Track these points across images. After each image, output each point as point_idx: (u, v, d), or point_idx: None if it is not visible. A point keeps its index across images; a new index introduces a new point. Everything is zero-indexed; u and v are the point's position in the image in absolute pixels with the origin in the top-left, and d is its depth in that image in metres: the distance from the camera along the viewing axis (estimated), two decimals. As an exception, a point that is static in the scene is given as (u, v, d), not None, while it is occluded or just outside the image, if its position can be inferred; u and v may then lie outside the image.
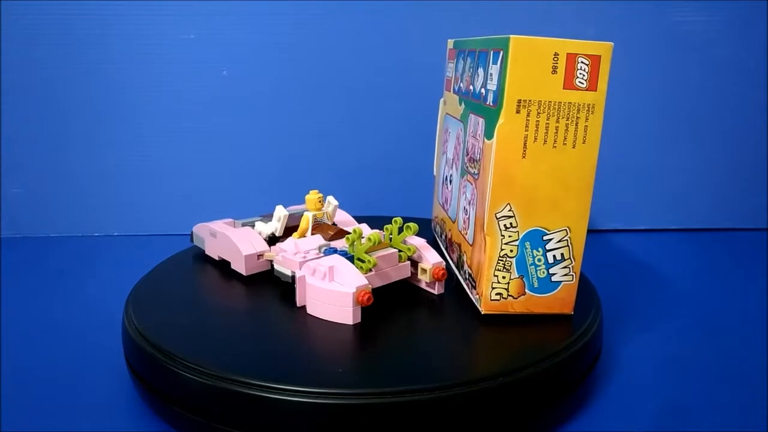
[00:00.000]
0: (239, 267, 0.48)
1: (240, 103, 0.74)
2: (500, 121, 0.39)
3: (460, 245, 0.48)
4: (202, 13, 0.71)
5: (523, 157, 0.39)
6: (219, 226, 0.51)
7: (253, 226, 0.52)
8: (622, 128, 0.76)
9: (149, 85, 0.73)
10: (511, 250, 0.41)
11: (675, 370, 0.45)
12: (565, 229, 0.41)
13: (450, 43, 0.56)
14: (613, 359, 0.46)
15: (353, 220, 0.55)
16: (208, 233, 0.52)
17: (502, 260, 0.41)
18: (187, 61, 0.72)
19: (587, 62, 0.39)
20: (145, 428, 0.38)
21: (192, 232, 0.54)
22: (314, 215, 0.50)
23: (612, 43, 0.39)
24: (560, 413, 0.39)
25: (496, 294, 0.42)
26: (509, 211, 0.40)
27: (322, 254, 0.45)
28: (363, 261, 0.43)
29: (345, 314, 0.41)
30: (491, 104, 0.40)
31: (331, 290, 0.41)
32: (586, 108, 0.39)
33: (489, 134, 0.40)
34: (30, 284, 0.61)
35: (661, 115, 0.76)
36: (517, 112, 0.39)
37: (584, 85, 0.39)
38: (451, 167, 0.51)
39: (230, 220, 0.53)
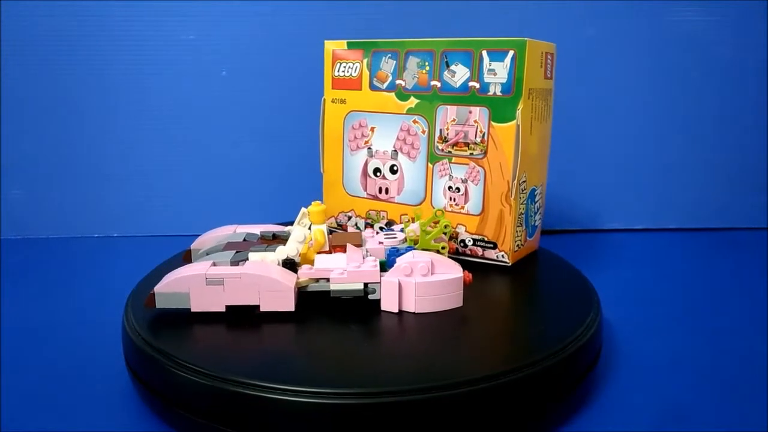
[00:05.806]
0: (283, 305, 0.41)
1: (240, 104, 0.74)
2: (520, 106, 0.48)
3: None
4: (202, 14, 0.71)
5: (531, 133, 0.50)
6: (216, 270, 0.41)
7: (246, 258, 0.44)
8: (622, 128, 0.76)
9: (149, 86, 0.73)
10: (523, 209, 0.51)
11: (675, 370, 0.45)
12: (542, 184, 0.54)
13: (340, 43, 0.57)
14: (613, 359, 0.46)
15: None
16: (200, 284, 0.40)
17: (519, 218, 0.51)
18: (187, 61, 0.73)
19: (550, 58, 0.52)
20: (145, 428, 0.38)
21: (153, 293, 0.41)
22: (326, 227, 0.48)
23: (555, 44, 0.52)
24: (560, 413, 0.39)
25: (517, 246, 0.52)
26: (524, 176, 0.50)
27: (370, 258, 0.44)
28: (430, 250, 0.47)
29: (457, 299, 0.43)
30: (499, 94, 0.49)
31: (444, 281, 0.42)
32: (549, 92, 0.53)
33: (502, 118, 0.49)
34: (30, 285, 0.60)
35: (660, 115, 0.76)
36: (528, 98, 0.49)
37: (549, 75, 0.52)
38: (393, 158, 0.56)
39: (208, 262, 0.42)
